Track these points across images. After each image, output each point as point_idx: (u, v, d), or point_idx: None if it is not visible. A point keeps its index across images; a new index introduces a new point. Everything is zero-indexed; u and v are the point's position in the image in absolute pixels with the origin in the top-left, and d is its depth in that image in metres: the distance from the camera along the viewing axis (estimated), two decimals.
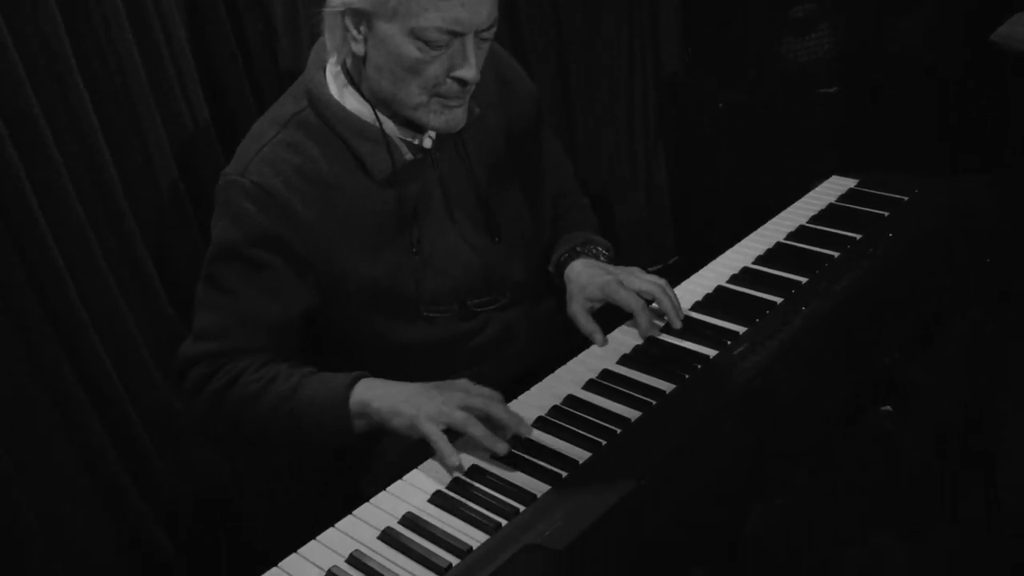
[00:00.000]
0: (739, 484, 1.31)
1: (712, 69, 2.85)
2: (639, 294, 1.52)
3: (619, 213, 2.90)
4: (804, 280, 1.60)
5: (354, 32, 1.37)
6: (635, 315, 1.50)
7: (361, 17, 1.35)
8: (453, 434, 1.31)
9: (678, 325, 1.51)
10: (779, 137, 2.75)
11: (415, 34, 1.32)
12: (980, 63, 2.54)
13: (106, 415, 1.69)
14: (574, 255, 1.63)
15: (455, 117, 1.42)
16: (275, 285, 1.45)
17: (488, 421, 1.31)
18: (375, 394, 1.37)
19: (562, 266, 1.63)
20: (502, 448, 1.29)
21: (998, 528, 1.91)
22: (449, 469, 1.29)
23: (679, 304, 1.53)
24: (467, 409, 1.31)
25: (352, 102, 1.46)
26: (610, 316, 1.56)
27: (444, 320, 1.54)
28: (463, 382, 1.36)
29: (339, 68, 1.47)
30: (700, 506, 1.24)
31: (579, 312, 1.53)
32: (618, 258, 1.69)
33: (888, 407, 1.56)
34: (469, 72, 1.36)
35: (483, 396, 1.33)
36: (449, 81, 1.38)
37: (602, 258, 1.64)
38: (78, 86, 1.59)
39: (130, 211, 1.70)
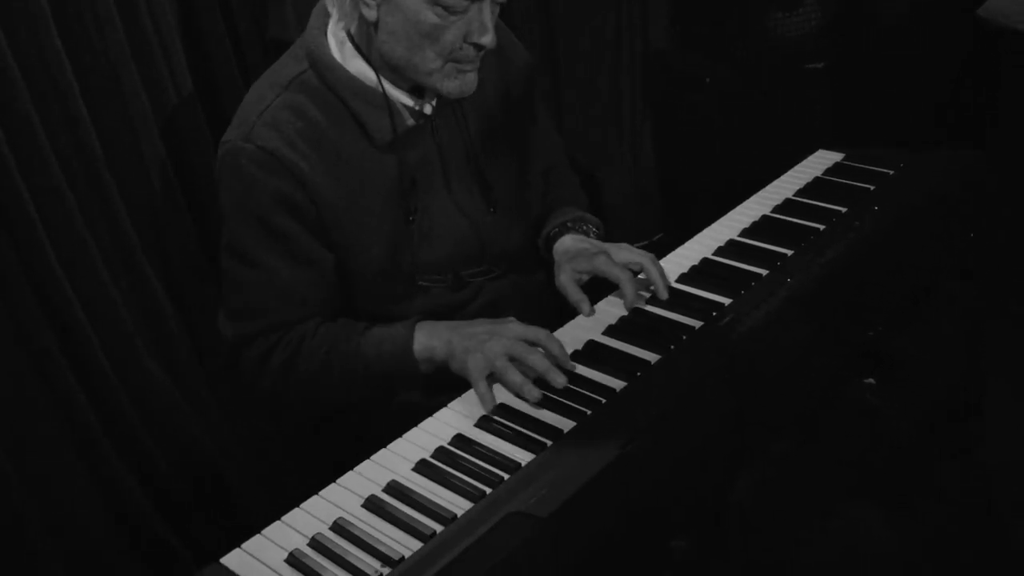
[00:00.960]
0: (723, 454, 1.31)
1: (700, 45, 2.84)
2: (627, 266, 1.52)
3: (605, 189, 2.89)
4: (789, 253, 1.60)
5: None
6: (621, 286, 1.51)
7: None
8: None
9: (664, 296, 1.51)
10: (766, 112, 2.75)
11: (435, 0, 1.32)
12: (967, 37, 2.54)
13: (92, 394, 1.68)
14: (564, 230, 1.63)
15: (468, 81, 1.42)
16: (301, 250, 1.45)
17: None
18: (436, 338, 1.42)
19: (551, 241, 1.63)
20: (536, 395, 1.32)
21: (980, 501, 1.93)
22: (485, 409, 1.33)
23: (666, 276, 1.53)
24: (510, 354, 1.34)
25: (355, 65, 1.44)
26: (597, 289, 1.56)
27: (437, 289, 1.54)
28: (512, 325, 1.39)
29: (343, 33, 1.44)
30: (684, 475, 1.24)
31: (567, 282, 1.53)
32: (605, 233, 1.69)
33: (871, 380, 1.57)
34: (487, 37, 1.36)
35: (527, 340, 1.36)
36: (465, 46, 1.37)
37: (592, 235, 1.64)
38: (58, 52, 1.56)
39: (114, 182, 1.68)
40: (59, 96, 1.58)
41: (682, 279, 1.58)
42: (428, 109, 1.49)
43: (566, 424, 1.29)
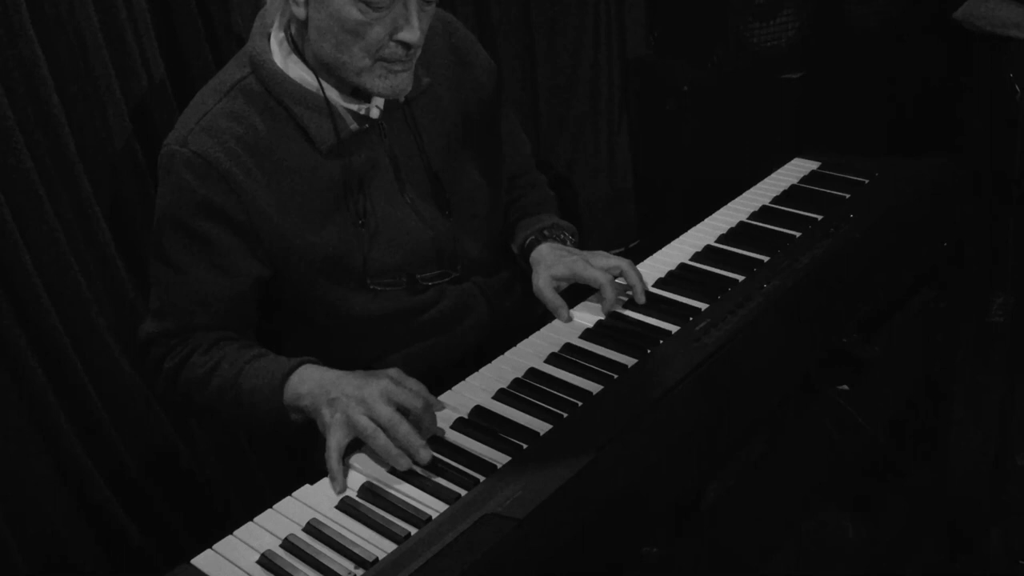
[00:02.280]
0: (696, 458, 1.32)
1: (678, 52, 2.86)
2: (605, 271, 1.52)
3: (582, 195, 2.90)
4: (766, 259, 1.61)
5: None
6: (601, 289, 1.51)
7: None
8: None
9: (642, 300, 1.52)
10: (743, 120, 2.77)
11: None
12: (941, 47, 2.57)
13: (64, 393, 1.66)
14: (541, 238, 1.63)
15: (400, 82, 1.40)
16: (222, 259, 1.43)
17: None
18: (307, 389, 1.33)
19: (528, 249, 1.63)
20: (403, 464, 1.22)
21: (946, 503, 1.95)
22: (333, 489, 1.22)
23: (644, 280, 1.54)
24: (375, 420, 1.24)
25: (296, 70, 1.43)
26: (575, 296, 1.57)
27: (392, 292, 1.52)
28: (391, 379, 1.29)
29: (283, 35, 1.43)
30: (658, 479, 1.24)
31: (545, 288, 1.53)
32: (581, 239, 1.70)
33: (844, 386, 1.59)
34: (411, 34, 1.34)
35: (394, 409, 1.25)
36: (392, 44, 1.35)
37: (568, 242, 1.64)
38: (32, 43, 1.55)
39: (84, 171, 1.67)
40: (32, 94, 1.57)
41: (659, 284, 1.59)
42: (375, 113, 1.47)
43: (542, 427, 1.28)
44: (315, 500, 1.20)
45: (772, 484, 1.52)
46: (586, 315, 1.53)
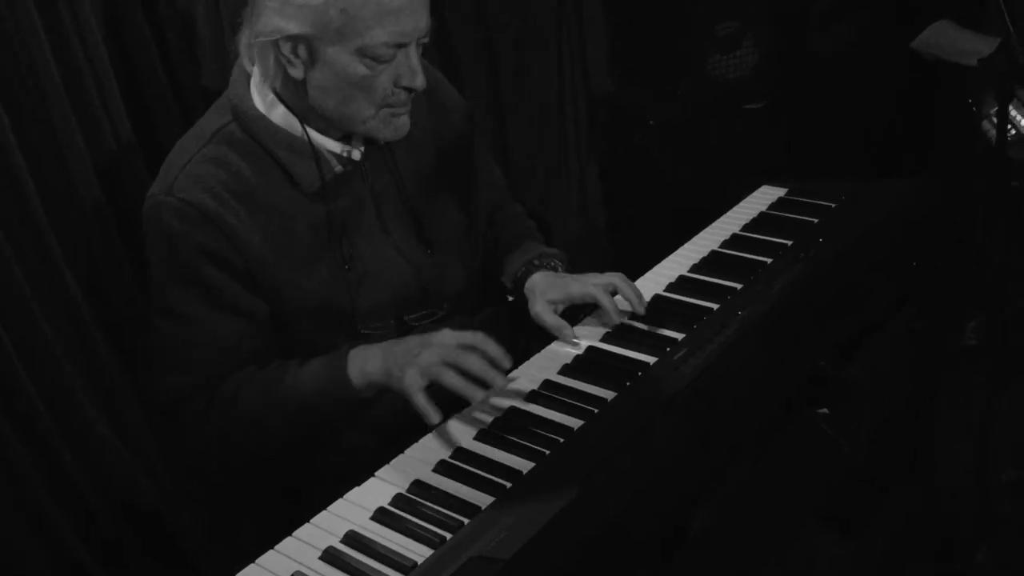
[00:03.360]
0: (681, 487, 1.31)
1: (642, 86, 2.89)
2: (599, 286, 1.55)
3: (554, 233, 2.91)
4: (739, 287, 1.62)
5: (289, 57, 1.36)
6: (600, 301, 1.53)
7: (298, 42, 1.35)
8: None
9: (641, 311, 1.55)
10: (710, 150, 2.80)
11: (362, 52, 1.34)
12: (901, 70, 2.62)
13: (32, 445, 1.63)
14: (532, 268, 1.64)
15: (403, 124, 1.45)
16: (231, 301, 1.43)
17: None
18: (370, 362, 1.39)
19: (521, 281, 1.64)
20: (479, 395, 1.31)
21: (931, 522, 1.95)
22: (429, 423, 1.31)
23: (640, 293, 1.56)
24: (445, 360, 1.32)
25: (279, 115, 1.44)
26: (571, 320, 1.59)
27: (381, 336, 1.51)
28: (445, 332, 1.37)
29: (266, 87, 1.44)
30: (643, 510, 1.23)
31: (543, 311, 1.54)
32: (568, 266, 1.72)
33: (825, 409, 1.59)
34: (417, 80, 1.39)
35: (460, 345, 1.34)
36: (396, 91, 1.40)
37: (559, 269, 1.66)
38: None
39: (52, 231, 1.65)
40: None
41: (635, 316, 1.59)
42: (356, 155, 1.49)
43: (525, 465, 1.28)
44: (298, 552, 1.19)
45: (758, 508, 1.51)
46: (564, 350, 1.53)
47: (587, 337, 1.54)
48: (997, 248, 1.66)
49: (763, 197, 1.94)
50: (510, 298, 1.75)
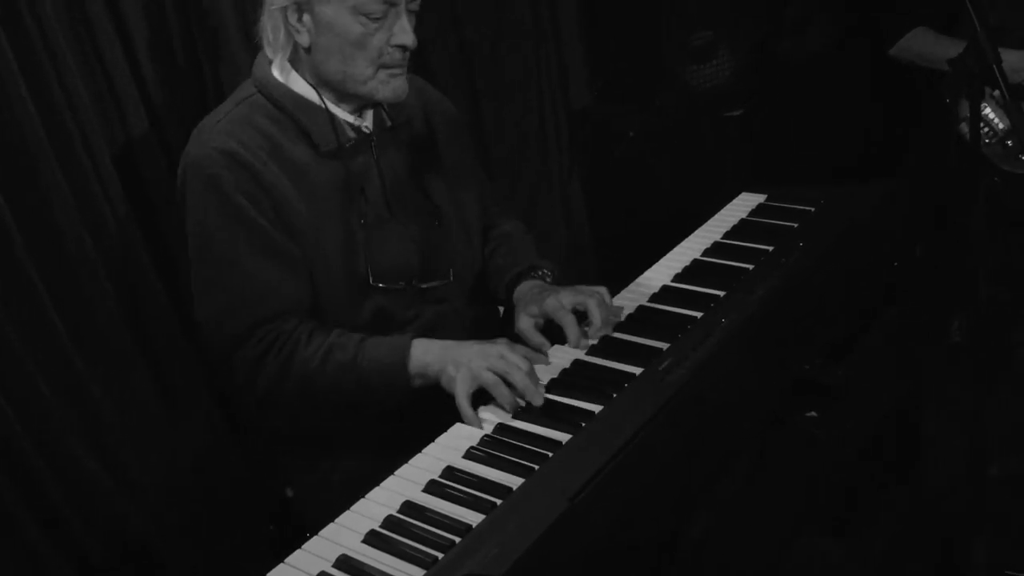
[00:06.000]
0: (672, 497, 1.32)
1: (621, 100, 2.91)
2: (575, 307, 1.57)
3: (540, 247, 2.91)
4: (722, 294, 1.63)
5: (296, 25, 1.52)
6: (565, 329, 1.56)
7: (302, 8, 1.50)
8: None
9: (598, 335, 1.57)
10: (690, 160, 2.82)
11: (356, 10, 1.48)
12: (878, 74, 2.65)
13: (17, 479, 1.62)
14: (520, 277, 1.72)
15: (400, 84, 1.57)
16: (272, 244, 1.52)
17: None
18: (431, 354, 1.49)
19: (510, 289, 1.71)
20: (514, 408, 1.41)
21: (924, 520, 1.96)
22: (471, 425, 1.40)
23: (608, 315, 1.58)
24: (494, 369, 1.41)
25: (299, 85, 1.58)
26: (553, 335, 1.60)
27: (392, 294, 1.61)
28: (502, 343, 1.47)
29: (286, 63, 1.58)
30: (635, 521, 1.24)
31: (526, 328, 1.59)
32: (558, 276, 1.74)
33: (813, 413, 1.60)
34: (407, 37, 1.53)
35: (512, 361, 1.43)
36: (391, 50, 1.53)
37: (548, 280, 1.72)
38: None
39: (36, 268, 1.65)
40: None
41: (619, 327, 1.60)
42: (366, 129, 1.62)
43: (514, 481, 1.28)
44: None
45: (751, 515, 1.51)
46: (553, 362, 1.54)
47: (551, 367, 1.53)
48: (975, 246, 1.68)
49: (743, 204, 1.96)
50: (501, 309, 1.82)
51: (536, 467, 1.29)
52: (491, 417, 1.42)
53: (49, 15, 1.66)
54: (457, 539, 1.19)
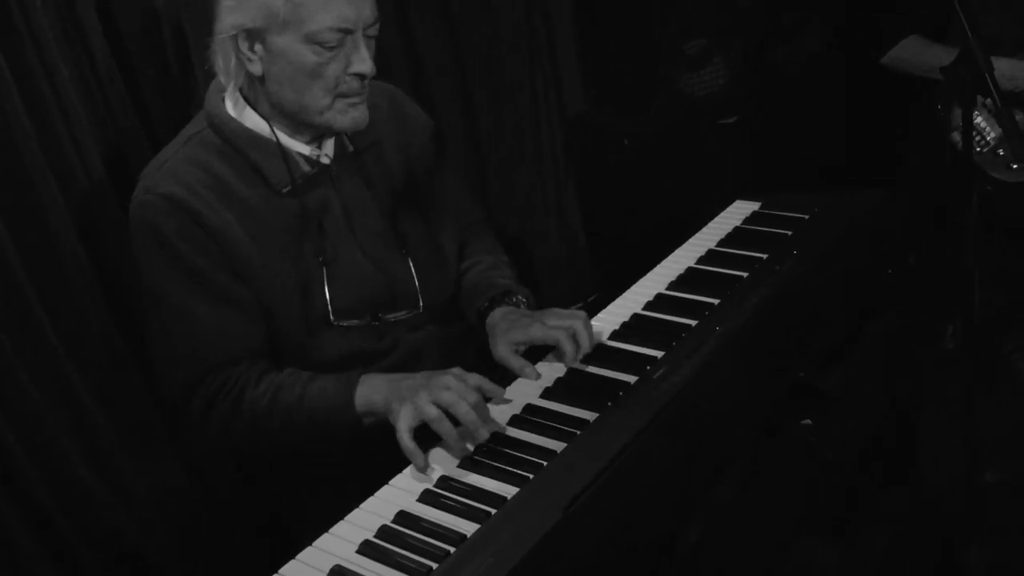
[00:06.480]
0: (668, 505, 1.31)
1: (616, 107, 2.92)
2: (560, 329, 1.53)
3: (537, 254, 2.92)
4: (716, 302, 1.63)
5: (248, 54, 1.46)
6: (561, 344, 1.52)
7: (253, 36, 1.44)
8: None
9: (578, 357, 1.53)
10: (684, 168, 2.82)
11: (309, 39, 1.42)
12: (868, 81, 2.66)
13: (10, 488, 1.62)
14: (495, 303, 1.66)
15: (360, 114, 1.51)
16: (220, 288, 1.49)
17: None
18: (377, 391, 1.43)
19: (483, 315, 1.66)
20: (463, 447, 1.35)
21: (922, 524, 1.96)
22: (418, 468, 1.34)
23: (591, 339, 1.54)
24: (438, 403, 1.35)
25: (250, 119, 1.52)
26: (535, 356, 1.58)
27: (356, 331, 1.57)
28: (448, 376, 1.39)
29: (238, 94, 1.53)
30: (630, 529, 1.24)
31: (506, 353, 1.54)
32: (539, 299, 1.72)
33: (808, 420, 1.60)
34: (365, 65, 1.46)
35: (458, 393, 1.36)
36: (348, 79, 1.47)
37: (522, 306, 1.67)
38: None
39: (29, 280, 1.65)
40: None
41: (614, 336, 1.60)
42: (326, 159, 1.57)
43: (509, 491, 1.28)
44: None
45: (748, 523, 1.51)
46: (545, 372, 1.53)
47: (544, 377, 1.52)
48: (968, 253, 1.68)
49: (737, 212, 1.96)
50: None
51: (531, 476, 1.29)
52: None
53: (43, 24, 1.65)
54: (452, 549, 1.19)
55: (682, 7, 2.80)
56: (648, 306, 1.67)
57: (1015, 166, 2.35)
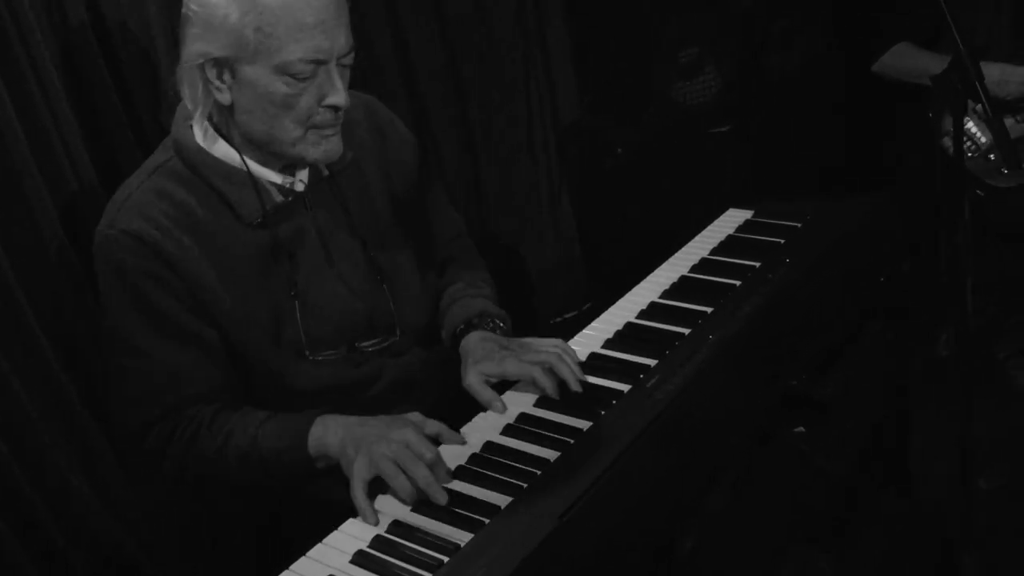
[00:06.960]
0: (662, 514, 1.31)
1: (609, 116, 2.93)
2: (535, 364, 1.49)
3: (532, 263, 2.93)
4: (709, 310, 1.63)
5: (216, 83, 1.40)
6: (538, 383, 1.47)
7: (222, 65, 1.38)
8: None
9: (576, 388, 1.48)
10: (678, 176, 2.83)
11: (281, 70, 1.36)
12: (860, 89, 2.67)
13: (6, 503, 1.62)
14: (470, 327, 1.61)
15: (332, 146, 1.45)
16: (181, 329, 1.44)
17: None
18: (331, 434, 1.38)
19: (458, 338, 1.62)
20: (411, 503, 1.29)
21: (917, 531, 1.96)
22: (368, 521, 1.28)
23: (577, 368, 1.50)
24: (396, 460, 1.30)
25: (219, 148, 1.47)
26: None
27: (333, 363, 1.53)
28: (407, 429, 1.34)
29: (206, 122, 1.47)
30: (624, 538, 1.23)
31: (475, 384, 1.50)
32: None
33: (801, 428, 1.60)
34: (339, 97, 1.40)
35: (416, 451, 1.31)
36: (322, 110, 1.41)
37: (498, 331, 1.62)
38: None
39: (19, 285, 1.65)
40: None
41: (607, 345, 1.60)
42: (300, 187, 1.52)
43: (502, 500, 1.28)
44: None
45: (742, 532, 1.51)
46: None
47: (518, 404, 1.48)
48: (961, 260, 1.69)
49: (730, 220, 1.97)
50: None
51: (524, 485, 1.29)
52: (477, 435, 1.42)
53: (38, 41, 1.65)
54: (446, 558, 1.19)
55: (676, 16, 2.81)
56: (641, 314, 1.68)
57: (1006, 171, 2.36)
